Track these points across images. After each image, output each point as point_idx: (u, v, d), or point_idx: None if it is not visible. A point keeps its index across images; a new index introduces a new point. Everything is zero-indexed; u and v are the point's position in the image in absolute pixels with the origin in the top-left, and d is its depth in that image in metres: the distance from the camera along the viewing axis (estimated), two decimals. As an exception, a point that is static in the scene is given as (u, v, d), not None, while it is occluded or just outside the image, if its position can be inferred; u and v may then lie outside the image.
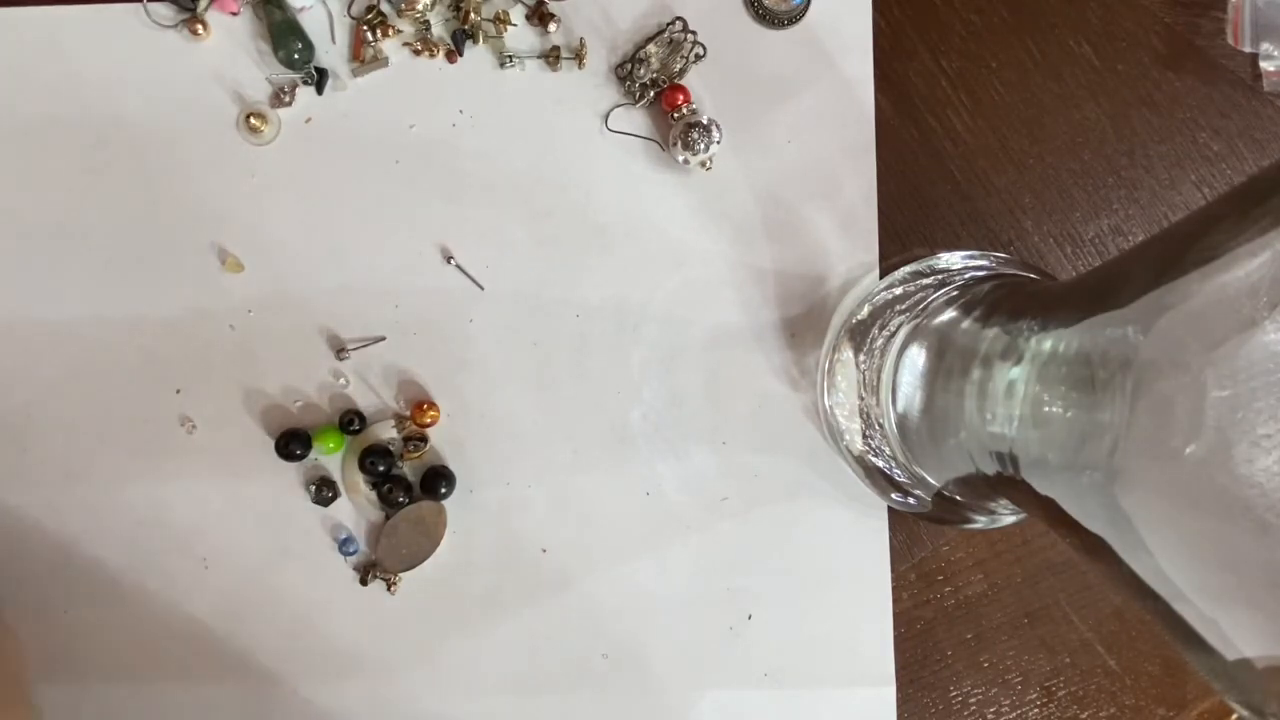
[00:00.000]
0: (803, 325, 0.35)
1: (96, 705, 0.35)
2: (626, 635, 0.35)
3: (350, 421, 0.34)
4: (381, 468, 0.34)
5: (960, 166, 0.35)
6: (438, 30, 0.34)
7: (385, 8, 0.34)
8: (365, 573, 0.34)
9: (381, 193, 0.34)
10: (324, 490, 0.34)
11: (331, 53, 0.34)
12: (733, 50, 0.35)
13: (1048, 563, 0.36)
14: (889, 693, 0.35)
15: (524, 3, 0.34)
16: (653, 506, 0.35)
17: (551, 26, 0.34)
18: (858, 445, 0.33)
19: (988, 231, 0.35)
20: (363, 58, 0.34)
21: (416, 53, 0.34)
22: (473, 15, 0.34)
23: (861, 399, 0.33)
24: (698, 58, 0.34)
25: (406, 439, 0.34)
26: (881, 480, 0.33)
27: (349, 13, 0.34)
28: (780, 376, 0.35)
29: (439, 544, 0.34)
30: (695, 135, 0.33)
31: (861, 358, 0.33)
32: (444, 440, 0.35)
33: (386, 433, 0.34)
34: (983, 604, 0.36)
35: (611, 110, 0.35)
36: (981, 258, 0.33)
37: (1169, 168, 0.35)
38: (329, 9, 0.34)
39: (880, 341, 0.32)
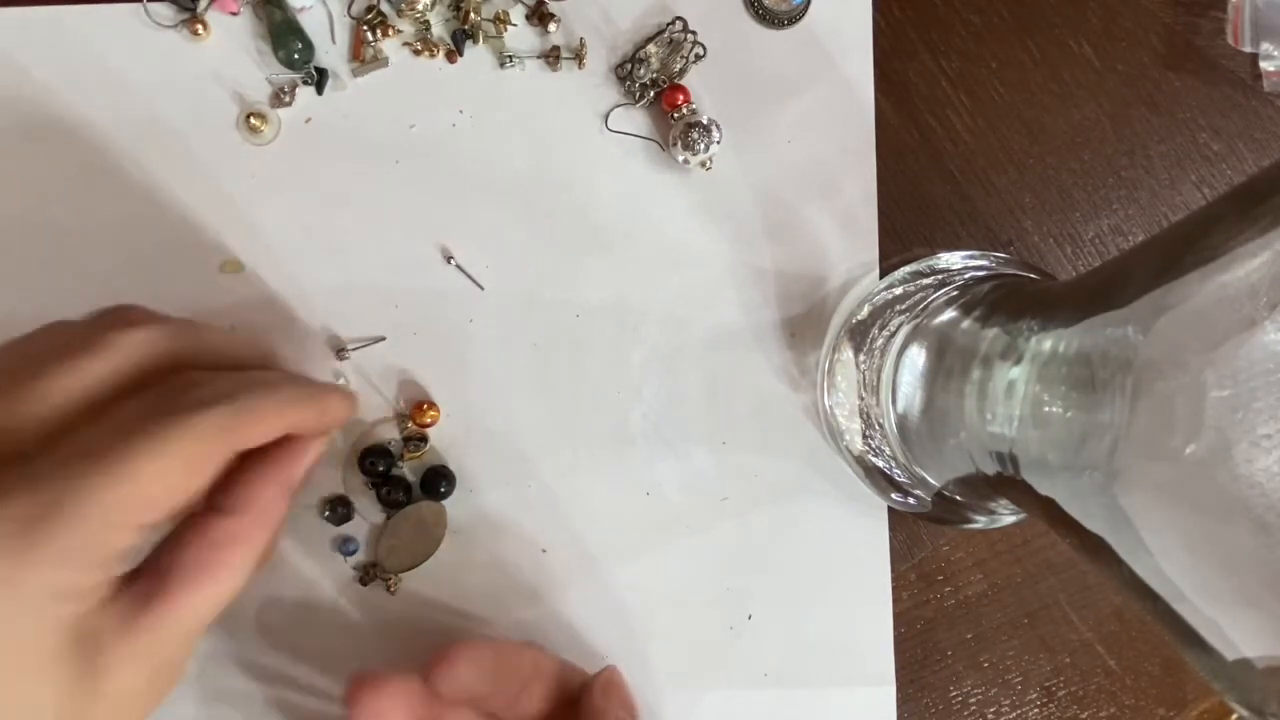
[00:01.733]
0: (803, 325, 0.35)
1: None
2: (626, 635, 0.35)
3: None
4: (381, 468, 0.34)
5: (960, 166, 0.35)
6: (438, 30, 0.34)
7: (385, 8, 0.34)
8: (365, 573, 0.34)
9: (381, 193, 0.34)
10: (339, 508, 0.34)
11: (331, 53, 0.34)
12: (733, 50, 0.35)
13: (1048, 563, 0.36)
14: (889, 693, 0.35)
15: (524, 3, 0.34)
16: (653, 506, 0.35)
17: (551, 26, 0.34)
18: (858, 445, 0.33)
19: (988, 231, 0.35)
20: (363, 58, 0.34)
21: (416, 53, 0.34)
22: (473, 15, 0.34)
23: (861, 399, 0.33)
24: (698, 58, 0.34)
25: (406, 439, 0.34)
26: (881, 480, 0.33)
27: (349, 13, 0.34)
28: (780, 376, 0.35)
29: (439, 544, 0.34)
30: (695, 135, 0.33)
31: (861, 358, 0.33)
32: (444, 440, 0.35)
33: (387, 433, 0.34)
34: (983, 604, 0.36)
35: (611, 110, 0.35)
36: (981, 258, 0.33)
37: (1169, 168, 0.35)
38: (329, 9, 0.34)
39: (880, 341, 0.32)
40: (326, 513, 0.34)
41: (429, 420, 0.34)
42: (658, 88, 0.34)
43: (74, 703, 0.22)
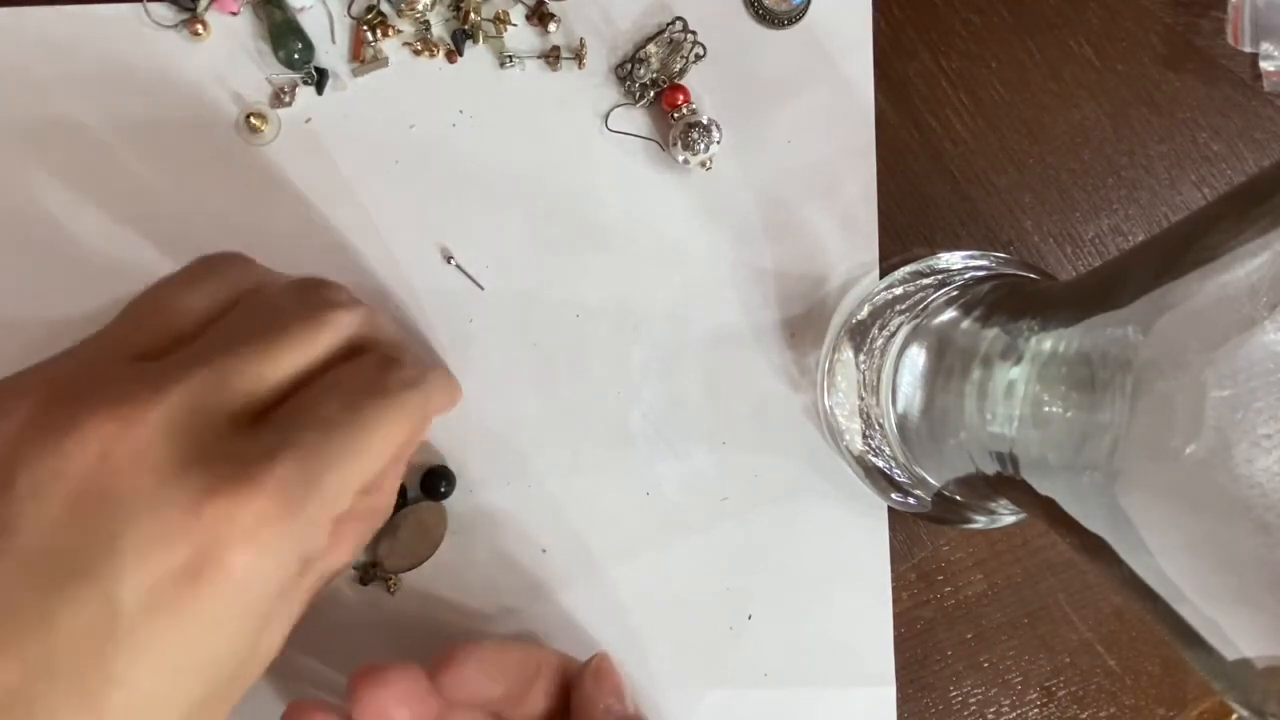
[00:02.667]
0: (803, 325, 0.35)
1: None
2: (626, 635, 0.35)
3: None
4: (381, 468, 0.34)
5: (960, 166, 0.35)
6: (438, 30, 0.34)
7: (385, 8, 0.34)
8: (365, 573, 0.34)
9: (381, 193, 0.34)
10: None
11: (331, 53, 0.34)
12: (733, 50, 0.35)
13: (1048, 563, 0.36)
14: (889, 693, 0.35)
15: (524, 3, 0.34)
16: (653, 506, 0.35)
17: (551, 26, 0.34)
18: (858, 445, 0.33)
19: (988, 231, 0.35)
20: (363, 58, 0.34)
21: (416, 53, 0.34)
22: (473, 15, 0.34)
23: (861, 399, 0.33)
24: (698, 58, 0.34)
25: (406, 439, 0.34)
26: (881, 480, 0.33)
27: (349, 13, 0.34)
28: (780, 376, 0.35)
29: (439, 544, 0.34)
30: (695, 135, 0.33)
31: (861, 358, 0.33)
32: (444, 440, 0.35)
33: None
34: (983, 604, 0.36)
35: (611, 110, 0.35)
36: (981, 258, 0.33)
37: (1169, 168, 0.35)
38: (329, 9, 0.34)
39: (880, 341, 0.32)
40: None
41: (429, 420, 0.34)
42: (658, 88, 0.34)
43: (247, 658, 0.23)
